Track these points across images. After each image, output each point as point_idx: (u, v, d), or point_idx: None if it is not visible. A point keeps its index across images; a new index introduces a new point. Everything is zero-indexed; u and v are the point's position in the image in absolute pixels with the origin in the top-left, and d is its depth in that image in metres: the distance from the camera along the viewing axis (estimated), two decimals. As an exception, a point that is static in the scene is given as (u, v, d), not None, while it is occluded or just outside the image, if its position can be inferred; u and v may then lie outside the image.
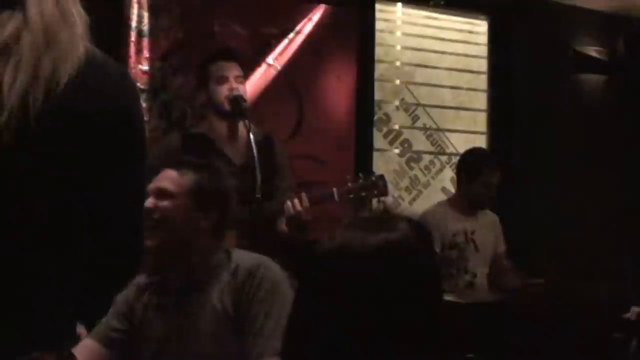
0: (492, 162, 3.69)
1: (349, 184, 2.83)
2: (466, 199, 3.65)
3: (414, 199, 4.53)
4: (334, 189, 2.81)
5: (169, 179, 2.04)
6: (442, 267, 3.42)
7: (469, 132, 4.74)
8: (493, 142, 4.77)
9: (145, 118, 3.69)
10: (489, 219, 3.77)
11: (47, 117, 1.14)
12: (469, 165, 3.65)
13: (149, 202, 1.97)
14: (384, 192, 2.87)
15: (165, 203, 2.00)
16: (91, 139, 1.20)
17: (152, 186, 2.02)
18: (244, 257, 2.04)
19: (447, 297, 2.91)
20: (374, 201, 3.00)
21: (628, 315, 2.78)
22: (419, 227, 1.18)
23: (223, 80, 2.95)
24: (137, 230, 1.35)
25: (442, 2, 4.53)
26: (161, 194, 2.01)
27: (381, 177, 2.88)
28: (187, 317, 1.98)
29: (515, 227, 4.49)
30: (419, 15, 4.60)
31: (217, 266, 2.01)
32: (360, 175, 2.87)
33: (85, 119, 1.19)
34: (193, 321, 1.97)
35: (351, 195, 2.83)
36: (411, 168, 4.55)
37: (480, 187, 3.58)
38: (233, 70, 2.97)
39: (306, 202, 2.77)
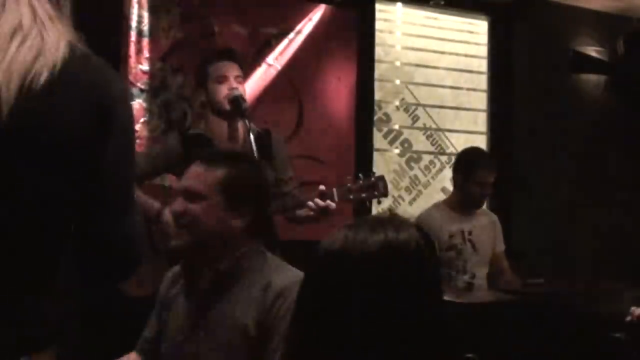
0: (487, 161, 3.69)
1: (349, 185, 2.83)
2: (462, 198, 3.64)
3: (414, 199, 4.53)
4: (334, 189, 2.80)
5: (196, 176, 1.88)
6: (441, 269, 3.41)
7: (469, 132, 4.74)
8: (493, 142, 4.77)
9: (145, 118, 3.69)
10: (487, 218, 3.77)
11: (22, 109, 1.15)
12: (464, 164, 3.65)
13: (179, 204, 1.85)
14: (384, 193, 2.86)
15: (194, 205, 1.84)
16: (68, 134, 1.20)
17: (179, 186, 1.88)
18: (278, 273, 1.86)
19: (447, 297, 2.91)
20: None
21: (628, 318, 2.78)
22: (423, 231, 1.18)
23: (223, 80, 2.94)
24: (122, 226, 1.30)
25: (442, 2, 4.54)
26: (190, 194, 1.86)
27: (381, 177, 2.87)
28: (206, 324, 1.86)
29: (515, 227, 4.49)
30: (419, 15, 4.60)
31: (249, 272, 1.86)
32: (360, 175, 2.86)
33: (60, 112, 1.19)
34: (211, 329, 1.85)
35: (351, 196, 2.82)
36: (411, 168, 4.55)
37: (474, 186, 3.58)
38: (233, 71, 2.96)
39: (336, 198, 2.77)
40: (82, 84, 1.22)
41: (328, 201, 2.76)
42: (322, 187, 2.78)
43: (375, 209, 4.00)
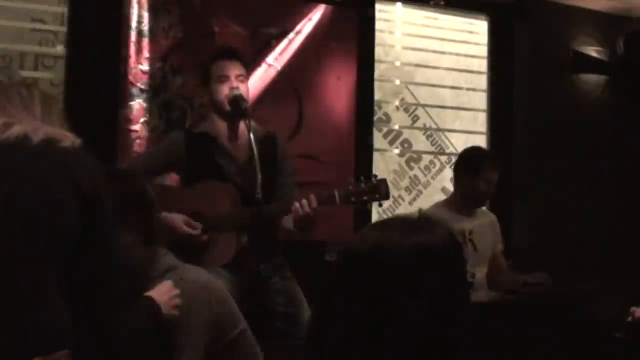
0: (492, 159, 3.68)
1: (351, 188, 2.82)
2: (465, 196, 3.63)
3: (414, 199, 4.53)
4: (336, 192, 2.79)
5: None
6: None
7: (469, 132, 4.74)
8: (493, 142, 4.77)
9: (145, 118, 3.69)
10: (487, 218, 3.76)
11: (46, 150, 1.39)
12: (469, 162, 3.64)
13: None
14: (386, 196, 2.85)
15: None
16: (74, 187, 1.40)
17: None
18: (159, 269, 1.88)
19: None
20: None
21: (629, 319, 2.77)
22: (452, 233, 1.18)
23: (224, 79, 2.94)
24: (108, 321, 1.44)
25: (442, 2, 4.53)
26: None
27: (383, 180, 2.86)
28: None
29: (515, 227, 4.49)
30: (419, 15, 4.60)
31: (158, 277, 1.87)
32: (362, 178, 2.85)
33: (70, 169, 1.43)
34: None
35: (352, 199, 2.81)
36: (411, 168, 4.55)
37: (480, 184, 3.56)
38: (234, 70, 2.96)
39: (314, 204, 2.76)
40: (89, 166, 1.45)
41: (307, 209, 2.75)
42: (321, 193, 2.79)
43: (376, 210, 4.00)
